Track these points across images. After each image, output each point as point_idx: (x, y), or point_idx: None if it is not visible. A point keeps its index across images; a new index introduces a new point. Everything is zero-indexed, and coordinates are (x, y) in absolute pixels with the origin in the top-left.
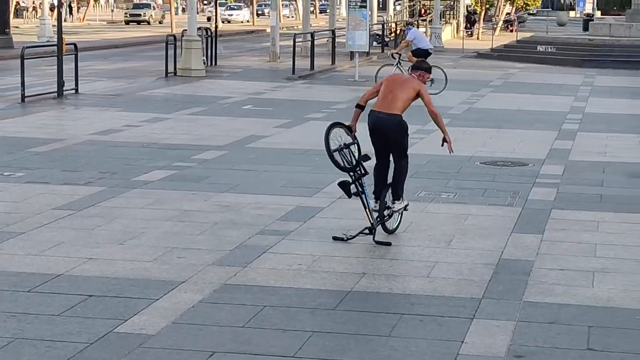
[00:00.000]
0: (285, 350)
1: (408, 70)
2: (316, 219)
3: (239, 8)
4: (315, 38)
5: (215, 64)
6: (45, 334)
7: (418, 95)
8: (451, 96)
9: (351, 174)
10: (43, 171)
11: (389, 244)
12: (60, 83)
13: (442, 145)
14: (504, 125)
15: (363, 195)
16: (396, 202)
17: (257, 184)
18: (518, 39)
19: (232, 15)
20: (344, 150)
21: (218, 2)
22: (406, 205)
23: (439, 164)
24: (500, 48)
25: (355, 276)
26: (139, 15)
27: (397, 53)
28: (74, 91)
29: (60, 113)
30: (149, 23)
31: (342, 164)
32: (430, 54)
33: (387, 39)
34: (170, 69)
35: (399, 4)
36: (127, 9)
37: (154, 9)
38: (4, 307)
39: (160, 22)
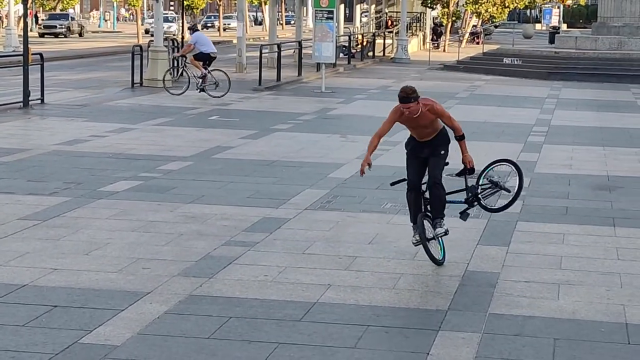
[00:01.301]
0: None
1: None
2: (282, 230)
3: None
4: (282, 49)
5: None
6: (10, 344)
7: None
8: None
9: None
10: (8, 181)
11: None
12: (26, 93)
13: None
14: (470, 137)
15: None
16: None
17: (223, 195)
18: (484, 51)
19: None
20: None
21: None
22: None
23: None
24: (466, 60)
25: (321, 287)
26: (54, 27)
27: (181, 56)
28: (39, 101)
29: (25, 123)
30: (65, 36)
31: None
32: (213, 57)
33: (353, 51)
34: (137, 79)
35: (366, 16)
36: (43, 19)
37: (73, 19)
38: None
39: (80, 35)
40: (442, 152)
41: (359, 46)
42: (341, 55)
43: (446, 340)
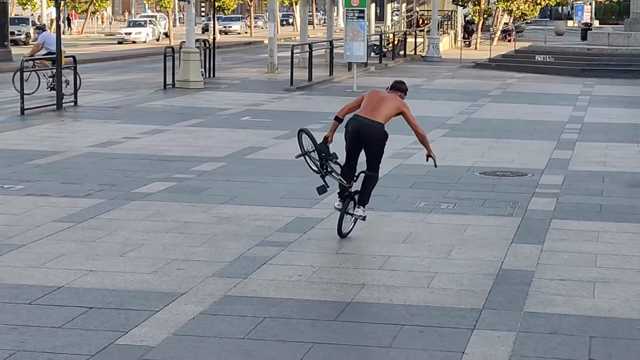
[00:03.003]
0: None
1: (387, 88)
2: (316, 230)
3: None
4: (313, 49)
5: (214, 75)
6: (47, 346)
7: (399, 113)
8: (450, 106)
9: (319, 173)
10: (43, 184)
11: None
12: (60, 95)
13: (427, 160)
14: (503, 135)
15: (333, 174)
16: (359, 208)
17: (256, 196)
18: (516, 48)
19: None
20: (309, 155)
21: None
22: (364, 217)
23: (438, 175)
24: (498, 58)
25: (355, 287)
26: (12, 33)
27: (29, 58)
28: (73, 103)
29: (59, 125)
30: (25, 43)
31: (312, 167)
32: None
33: (385, 49)
34: (169, 81)
35: (397, 15)
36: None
37: (34, 24)
38: (5, 319)
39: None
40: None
41: (390, 45)
42: (372, 54)
43: (481, 339)
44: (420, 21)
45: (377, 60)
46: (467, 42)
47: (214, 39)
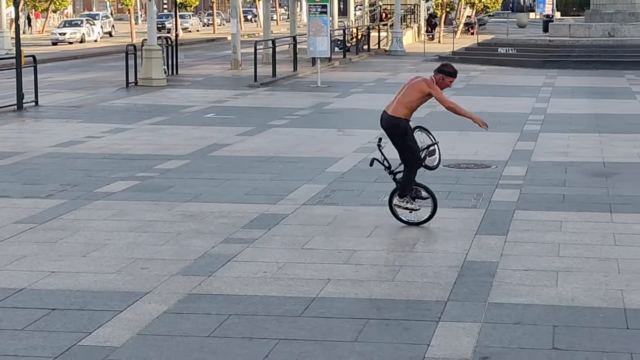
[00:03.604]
0: (251, 358)
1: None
2: (281, 226)
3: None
4: (277, 45)
5: (176, 73)
6: (8, 349)
7: (427, 95)
8: None
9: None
10: (3, 185)
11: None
12: (20, 95)
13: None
14: (466, 127)
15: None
16: (399, 199)
17: (220, 193)
18: (479, 41)
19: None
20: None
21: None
22: (413, 209)
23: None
24: (461, 51)
25: (321, 282)
26: None
27: None
28: (33, 103)
29: (20, 126)
30: None
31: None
32: None
33: (348, 44)
34: (131, 79)
35: (360, 9)
36: None
37: None
38: None
39: None
40: None
41: (354, 40)
42: (336, 49)
43: (446, 331)
44: (384, 15)
45: (341, 55)
46: (431, 36)
47: (177, 36)
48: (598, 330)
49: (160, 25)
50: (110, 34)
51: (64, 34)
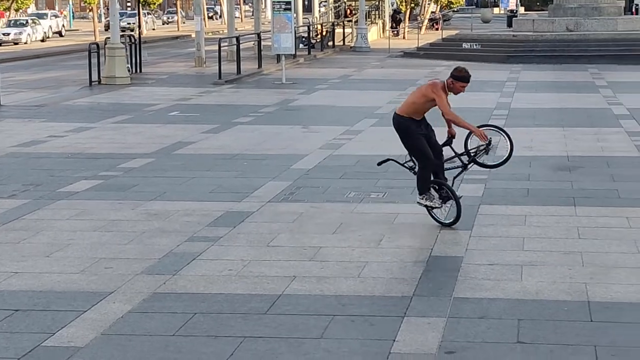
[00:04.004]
0: (217, 356)
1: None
2: (246, 224)
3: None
4: (241, 42)
5: (140, 71)
6: None
7: (431, 100)
8: (379, 96)
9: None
10: None
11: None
12: None
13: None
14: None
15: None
16: (418, 196)
17: (185, 191)
18: (443, 37)
19: None
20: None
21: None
22: (432, 207)
23: (368, 164)
24: (426, 47)
25: (287, 279)
26: None
27: None
28: None
29: None
30: None
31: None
32: None
33: (313, 41)
34: (95, 77)
35: (324, 6)
36: None
37: None
38: None
39: None
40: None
41: (319, 36)
42: (301, 45)
43: (412, 326)
44: (348, 12)
45: (306, 51)
46: (395, 32)
47: (140, 33)
48: (562, 323)
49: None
50: (60, 33)
51: (8, 34)
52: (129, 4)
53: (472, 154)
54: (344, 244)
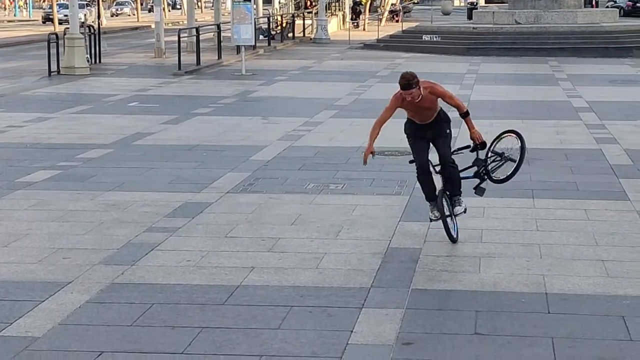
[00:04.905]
0: (174, 347)
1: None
2: (204, 215)
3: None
4: (201, 33)
5: (100, 61)
6: None
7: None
8: (338, 88)
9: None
10: None
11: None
12: None
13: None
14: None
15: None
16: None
17: (143, 182)
18: (403, 29)
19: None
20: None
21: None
22: (431, 218)
23: (327, 156)
24: (386, 38)
25: (245, 270)
26: None
27: None
28: None
29: None
30: None
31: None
32: None
33: (273, 32)
34: (54, 67)
35: None
36: None
37: None
38: None
39: None
40: (448, 131)
41: (279, 27)
42: (261, 37)
43: (370, 318)
44: (308, 3)
45: (266, 43)
46: (356, 24)
47: (99, 24)
48: (520, 315)
49: (51, 16)
50: None
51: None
52: None
53: (483, 164)
54: (303, 235)
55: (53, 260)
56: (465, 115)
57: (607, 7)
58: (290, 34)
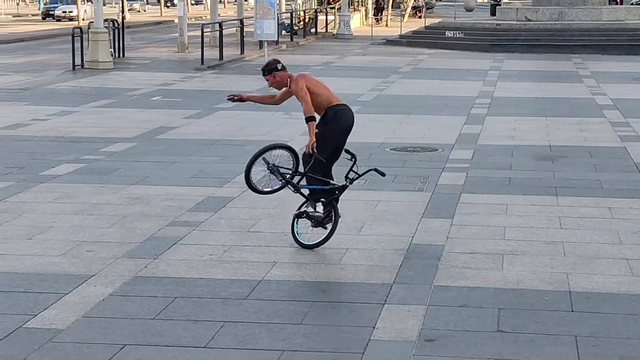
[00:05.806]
0: (196, 340)
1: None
2: (227, 209)
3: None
4: (224, 28)
5: (123, 55)
6: None
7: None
8: (361, 83)
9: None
10: None
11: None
12: None
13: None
14: (414, 111)
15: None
16: None
17: (166, 176)
18: (426, 25)
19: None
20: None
21: None
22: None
23: None
24: (408, 34)
25: (267, 265)
26: None
27: None
28: None
29: None
30: None
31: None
32: None
33: (295, 28)
34: (78, 61)
35: None
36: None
37: None
38: None
39: None
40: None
41: (301, 23)
42: (283, 32)
43: (392, 314)
44: None
45: (289, 38)
46: (378, 19)
47: (123, 18)
48: (543, 313)
49: (52, 12)
50: None
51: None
52: None
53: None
54: None
55: (77, 253)
56: (306, 120)
57: (632, 4)
58: (313, 30)
